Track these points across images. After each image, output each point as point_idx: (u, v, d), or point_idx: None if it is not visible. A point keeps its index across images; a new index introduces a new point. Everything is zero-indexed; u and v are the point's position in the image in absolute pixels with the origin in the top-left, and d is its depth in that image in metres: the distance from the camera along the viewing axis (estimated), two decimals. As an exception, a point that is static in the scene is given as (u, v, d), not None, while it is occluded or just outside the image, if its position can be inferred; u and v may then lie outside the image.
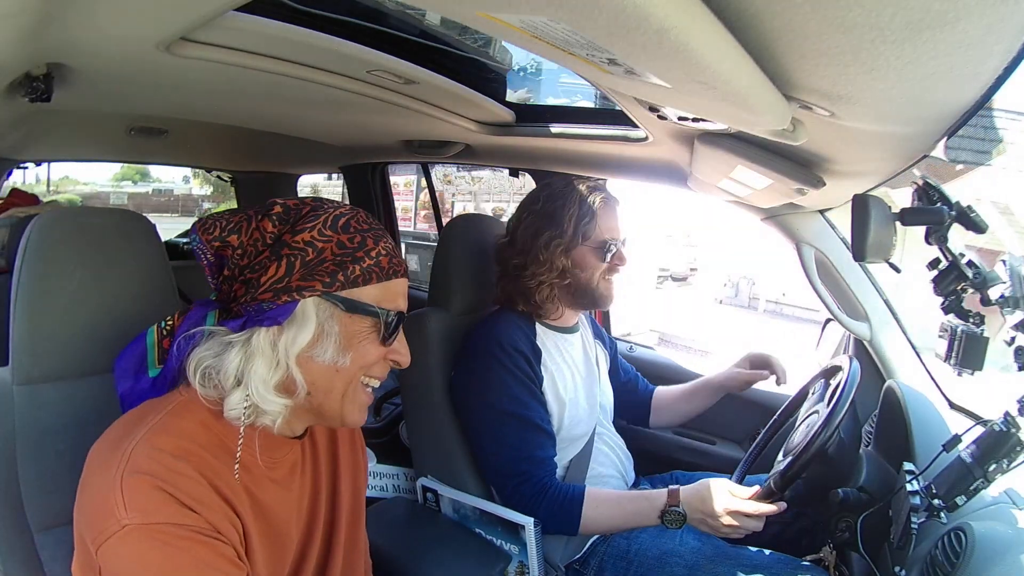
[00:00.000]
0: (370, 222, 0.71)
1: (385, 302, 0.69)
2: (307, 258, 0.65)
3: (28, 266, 0.79)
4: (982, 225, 0.81)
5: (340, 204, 0.70)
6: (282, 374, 0.64)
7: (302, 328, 0.64)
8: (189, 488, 0.59)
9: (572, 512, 1.11)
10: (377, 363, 0.71)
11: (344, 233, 0.67)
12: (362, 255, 0.67)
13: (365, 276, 0.67)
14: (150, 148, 2.05)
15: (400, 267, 0.71)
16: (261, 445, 0.67)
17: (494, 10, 0.47)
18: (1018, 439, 0.77)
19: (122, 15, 0.71)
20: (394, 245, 0.72)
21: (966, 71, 0.49)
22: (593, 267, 1.23)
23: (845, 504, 1.04)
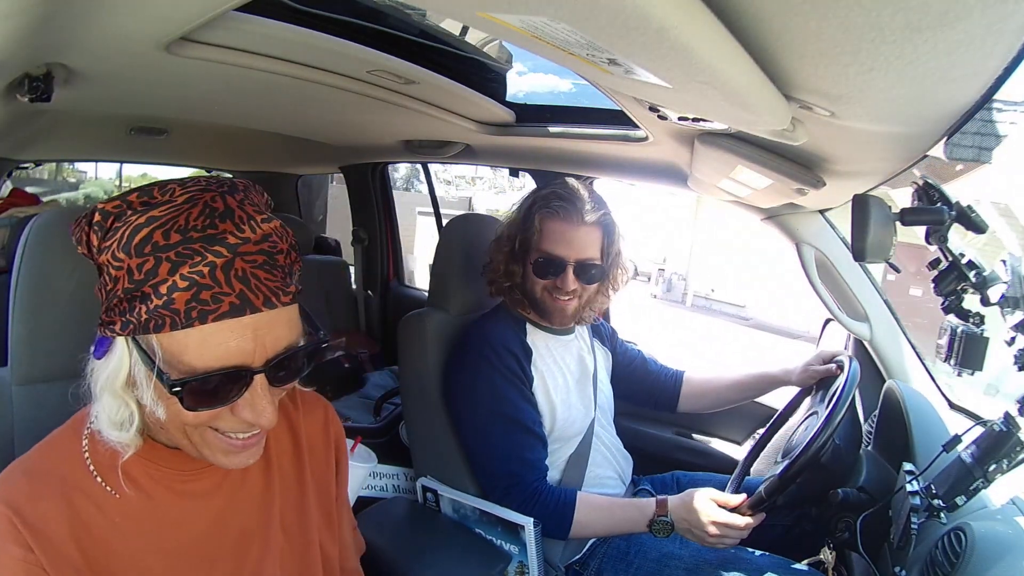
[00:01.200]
0: (187, 229, 0.50)
1: (194, 357, 0.51)
2: (107, 288, 0.53)
3: (27, 266, 0.78)
4: (982, 225, 0.81)
5: (168, 198, 0.52)
6: (125, 410, 0.56)
7: (110, 365, 0.55)
8: (37, 520, 0.54)
9: (564, 516, 1.11)
10: (218, 418, 0.55)
11: (136, 256, 0.50)
12: (148, 291, 0.50)
13: (156, 321, 0.50)
14: (150, 148, 2.05)
15: (218, 305, 0.50)
16: (173, 457, 0.61)
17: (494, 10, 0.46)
18: (1018, 439, 0.77)
19: (122, 15, 0.71)
20: (224, 263, 0.51)
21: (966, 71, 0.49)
22: (533, 280, 1.21)
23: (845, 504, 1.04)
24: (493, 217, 1.51)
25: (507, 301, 1.28)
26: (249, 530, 0.67)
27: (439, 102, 1.25)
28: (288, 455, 0.73)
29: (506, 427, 1.16)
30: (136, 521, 0.60)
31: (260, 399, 0.55)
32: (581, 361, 1.33)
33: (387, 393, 2.08)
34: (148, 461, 0.61)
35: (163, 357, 0.52)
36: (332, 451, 0.78)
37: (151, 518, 0.61)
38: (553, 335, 1.29)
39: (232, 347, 0.52)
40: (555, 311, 1.21)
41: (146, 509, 0.60)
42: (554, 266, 1.17)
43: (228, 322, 0.51)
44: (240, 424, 0.57)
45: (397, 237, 2.57)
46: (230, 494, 0.66)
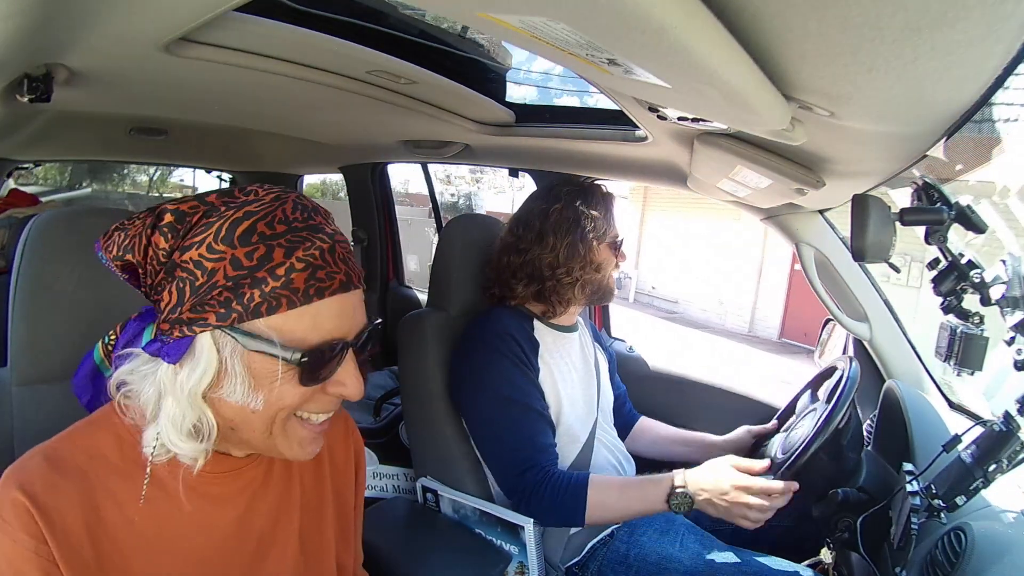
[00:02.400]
0: (290, 221, 0.55)
1: (309, 332, 0.55)
2: (196, 283, 0.53)
3: (27, 266, 0.79)
4: (982, 225, 0.81)
5: (254, 198, 0.56)
6: (196, 415, 0.56)
7: (199, 366, 0.54)
8: (54, 511, 0.54)
9: (577, 499, 1.07)
10: (309, 401, 0.59)
11: (243, 246, 0.53)
12: (264, 275, 0.53)
13: (270, 303, 0.53)
14: (150, 148, 2.06)
15: (332, 282, 0.55)
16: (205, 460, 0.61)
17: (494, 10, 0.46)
18: (1018, 439, 0.77)
19: (122, 15, 0.71)
20: (330, 247, 0.56)
21: (966, 71, 0.49)
22: (609, 263, 1.26)
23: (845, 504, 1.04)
24: (493, 217, 1.51)
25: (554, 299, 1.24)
26: (267, 537, 0.67)
27: (439, 102, 1.25)
28: (310, 464, 0.73)
29: (517, 413, 1.14)
30: (156, 523, 0.59)
31: (354, 370, 0.60)
32: (585, 358, 1.33)
33: (387, 393, 2.08)
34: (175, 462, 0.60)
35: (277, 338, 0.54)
36: (352, 461, 0.79)
37: (171, 520, 0.60)
38: (560, 332, 1.29)
39: (338, 323, 0.57)
40: (613, 288, 1.31)
41: (167, 511, 0.60)
42: (621, 244, 1.28)
43: (338, 298, 0.56)
44: (327, 403, 0.61)
45: (397, 237, 2.57)
46: (251, 500, 0.66)
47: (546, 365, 1.22)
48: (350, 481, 0.78)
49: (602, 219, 1.23)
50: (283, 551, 0.68)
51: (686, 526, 1.22)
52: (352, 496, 0.78)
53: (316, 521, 0.72)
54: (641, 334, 8.78)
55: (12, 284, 0.79)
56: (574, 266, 1.21)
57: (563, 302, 1.24)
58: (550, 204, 1.24)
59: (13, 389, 0.79)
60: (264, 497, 0.67)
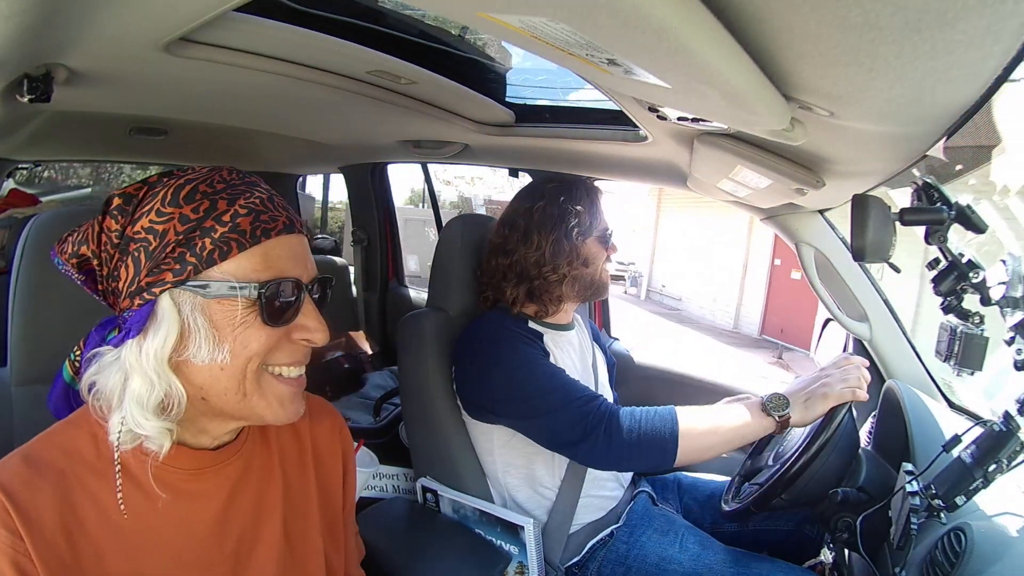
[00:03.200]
0: (228, 180, 0.59)
1: (261, 272, 0.57)
2: (151, 247, 0.55)
3: (26, 266, 0.79)
4: (981, 225, 0.81)
5: (191, 170, 0.59)
6: (163, 389, 0.56)
7: (161, 328, 0.56)
8: (31, 508, 0.54)
9: (665, 422, 1.01)
10: (275, 350, 0.60)
11: (187, 203, 0.56)
12: (211, 224, 0.56)
13: (221, 248, 0.56)
14: (150, 148, 2.06)
15: (275, 223, 0.59)
16: (179, 456, 0.61)
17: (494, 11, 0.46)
18: (1018, 439, 0.77)
19: (122, 15, 0.71)
20: (268, 196, 0.60)
21: (965, 71, 0.49)
22: (600, 258, 1.26)
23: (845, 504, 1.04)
24: (493, 217, 1.51)
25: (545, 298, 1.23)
26: (249, 534, 0.66)
27: (439, 102, 1.25)
28: (294, 462, 0.73)
29: (552, 371, 1.12)
30: (134, 521, 0.59)
31: (314, 314, 0.62)
32: (583, 356, 1.33)
33: (387, 393, 2.08)
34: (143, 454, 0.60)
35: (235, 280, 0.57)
36: (340, 460, 0.78)
37: (149, 519, 0.60)
38: (556, 330, 1.28)
39: (289, 262, 0.60)
40: (607, 282, 1.30)
41: (144, 509, 0.60)
42: (611, 236, 1.28)
43: (284, 238, 0.59)
44: (296, 351, 0.62)
45: (397, 238, 2.57)
46: (230, 496, 0.65)
47: (551, 352, 1.21)
48: (337, 478, 0.77)
49: (587, 213, 1.23)
50: (267, 548, 0.67)
51: (686, 527, 1.21)
52: (340, 494, 0.77)
53: (301, 518, 0.71)
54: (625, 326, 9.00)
55: (12, 284, 0.79)
56: (560, 263, 1.21)
57: (554, 300, 1.23)
58: (534, 203, 1.24)
59: (13, 389, 0.79)
60: (244, 493, 0.67)
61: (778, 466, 1.05)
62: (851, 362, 1.02)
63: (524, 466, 1.21)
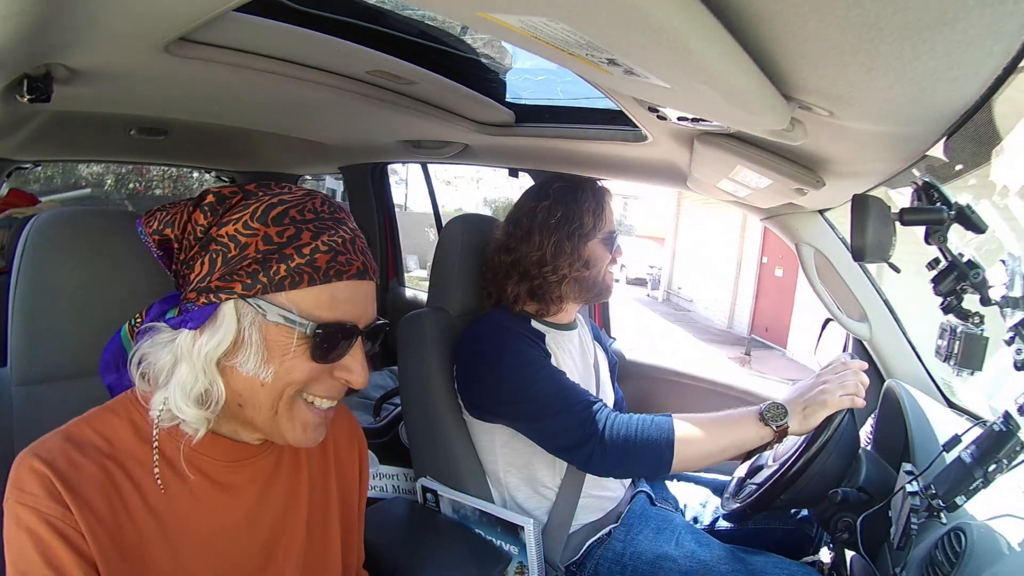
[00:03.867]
0: (318, 211, 0.61)
1: (324, 310, 0.59)
2: (229, 255, 0.58)
3: (26, 266, 0.79)
4: (981, 225, 0.81)
5: (287, 190, 0.62)
6: (207, 382, 0.58)
7: (218, 333, 0.58)
8: (77, 483, 0.56)
9: (662, 431, 1.02)
10: (315, 381, 0.62)
11: (275, 225, 0.58)
12: (291, 252, 0.58)
13: (293, 278, 0.58)
14: (150, 148, 2.06)
15: (350, 267, 0.60)
16: (217, 446, 0.64)
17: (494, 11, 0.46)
18: (1018, 439, 0.77)
19: (122, 15, 0.71)
20: (351, 238, 0.62)
21: (965, 71, 0.49)
22: (603, 259, 1.25)
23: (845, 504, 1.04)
24: (493, 218, 1.51)
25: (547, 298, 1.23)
26: (277, 526, 0.68)
27: (439, 102, 1.25)
28: (317, 459, 0.75)
29: (553, 374, 1.13)
30: (172, 507, 0.61)
31: (361, 358, 0.63)
32: (584, 356, 1.33)
33: (387, 393, 2.08)
34: (192, 449, 0.62)
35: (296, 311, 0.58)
36: (356, 460, 0.80)
37: (188, 505, 0.62)
38: (557, 329, 1.28)
39: (351, 307, 0.61)
40: (611, 283, 1.29)
41: (184, 496, 0.62)
42: (616, 239, 1.26)
43: (354, 283, 0.61)
44: (333, 387, 0.63)
45: (396, 238, 2.57)
46: (263, 489, 0.68)
47: (553, 353, 1.21)
48: (354, 480, 0.79)
49: (591, 215, 1.22)
50: (291, 540, 0.69)
51: (683, 526, 1.21)
52: (356, 495, 0.79)
53: (322, 514, 0.73)
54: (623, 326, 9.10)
55: (12, 284, 0.79)
56: (561, 263, 1.21)
57: (554, 300, 1.23)
58: (538, 202, 1.24)
59: (13, 389, 0.79)
60: (274, 486, 0.69)
61: (777, 466, 1.05)
62: (849, 367, 1.01)
63: (524, 466, 1.21)
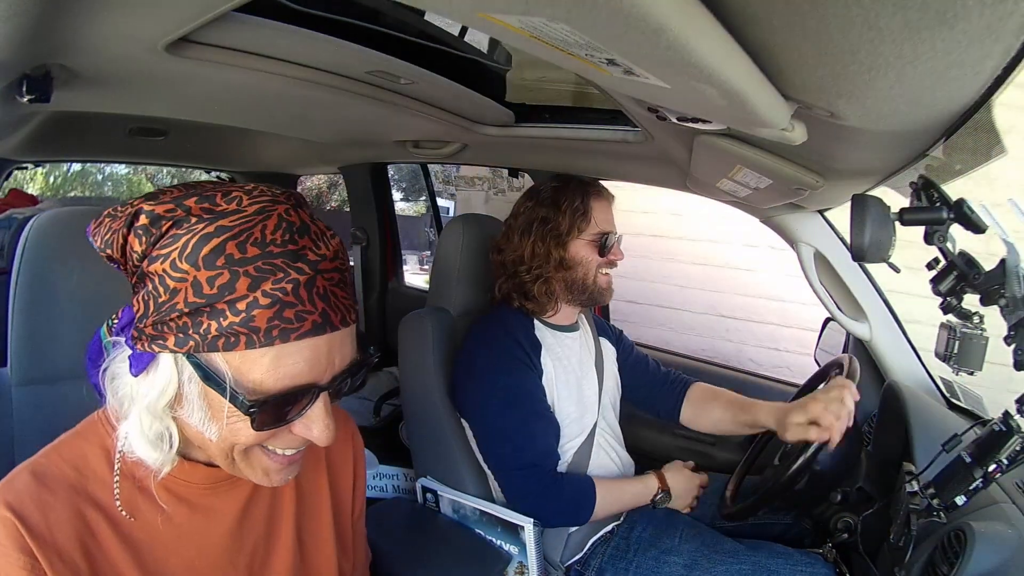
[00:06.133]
0: (266, 241, 0.48)
1: (267, 377, 0.49)
2: (159, 299, 0.49)
3: (26, 266, 0.79)
4: (981, 225, 0.81)
5: (236, 205, 0.50)
6: (160, 427, 0.54)
7: (158, 383, 0.51)
8: (44, 529, 0.52)
9: (586, 499, 1.14)
10: (270, 439, 0.54)
11: (206, 268, 0.47)
12: (223, 307, 0.47)
13: (227, 339, 0.47)
14: (150, 148, 2.06)
15: (301, 324, 0.49)
16: (194, 472, 0.60)
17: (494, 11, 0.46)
18: (1018, 439, 0.77)
19: (122, 15, 0.71)
20: (307, 280, 0.49)
21: (965, 71, 0.49)
22: (589, 261, 1.24)
23: (845, 504, 1.04)
24: (494, 217, 1.51)
25: (532, 296, 1.25)
26: (262, 546, 0.66)
27: (438, 102, 1.25)
28: (307, 469, 0.71)
29: (521, 416, 1.15)
30: (149, 535, 0.58)
31: (323, 416, 0.54)
32: (583, 358, 1.33)
33: (387, 393, 2.08)
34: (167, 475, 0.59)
35: (232, 377, 0.49)
36: (351, 466, 0.77)
37: (165, 533, 0.59)
38: (559, 331, 1.29)
39: (305, 367, 0.51)
40: (606, 287, 1.28)
41: (160, 523, 0.59)
42: (610, 241, 1.26)
43: (308, 341, 0.50)
44: (294, 441, 0.56)
45: (396, 237, 2.57)
46: (244, 509, 0.65)
47: (548, 366, 1.22)
48: (348, 484, 0.77)
49: (571, 216, 1.22)
50: (279, 559, 0.66)
51: (685, 522, 1.22)
52: (350, 500, 0.77)
53: (314, 526, 0.71)
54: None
55: (12, 284, 0.79)
56: (535, 264, 1.23)
57: (540, 299, 1.24)
58: (524, 202, 1.27)
59: (13, 389, 0.79)
60: (256, 506, 0.66)
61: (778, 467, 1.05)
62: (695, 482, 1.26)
63: None
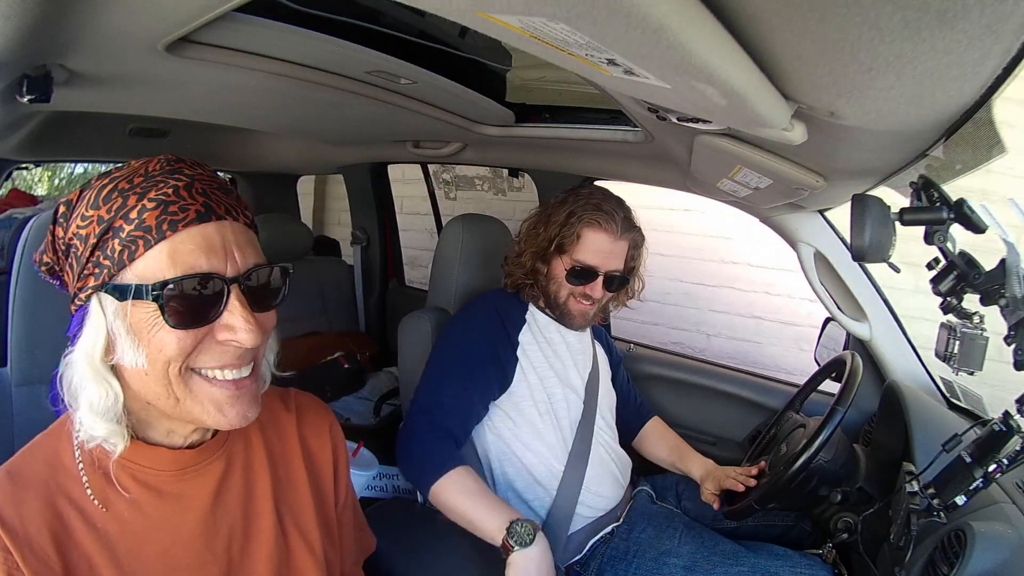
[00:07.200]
0: (149, 173, 0.55)
1: (170, 269, 0.53)
2: (79, 253, 0.55)
3: (26, 266, 0.79)
4: (981, 225, 0.81)
5: (122, 169, 0.57)
6: (102, 390, 0.55)
7: (91, 333, 0.55)
8: (18, 524, 0.54)
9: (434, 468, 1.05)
10: (200, 351, 0.56)
11: (105, 204, 0.54)
12: (120, 223, 0.53)
13: (129, 248, 0.53)
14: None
15: (185, 213, 0.54)
16: (158, 457, 0.60)
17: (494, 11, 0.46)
18: (1018, 439, 0.77)
19: (122, 16, 0.71)
20: (187, 183, 0.55)
21: (965, 71, 0.49)
22: (560, 281, 1.23)
23: (845, 504, 1.04)
24: (494, 217, 1.51)
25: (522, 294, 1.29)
26: (239, 532, 0.65)
27: (439, 102, 1.25)
28: (281, 459, 0.72)
29: (452, 369, 1.16)
30: (120, 526, 0.59)
31: (240, 311, 0.56)
32: (582, 352, 1.33)
33: (387, 393, 2.08)
34: (132, 463, 0.60)
35: (138, 283, 0.54)
36: (331, 456, 0.77)
37: (136, 523, 0.59)
38: (556, 322, 1.29)
39: (203, 256, 0.54)
40: (576, 314, 1.25)
41: (131, 514, 0.59)
42: (587, 275, 1.21)
43: (197, 228, 0.54)
44: (221, 353, 0.57)
45: (397, 238, 2.57)
46: (216, 495, 0.64)
47: (527, 342, 1.23)
48: (328, 474, 0.76)
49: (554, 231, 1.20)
50: (260, 546, 0.66)
51: (685, 523, 1.22)
52: (332, 490, 0.76)
53: (296, 515, 0.71)
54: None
55: (12, 284, 0.79)
56: (514, 261, 1.27)
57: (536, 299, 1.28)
58: (542, 204, 1.29)
59: (13, 389, 0.79)
60: (229, 492, 0.66)
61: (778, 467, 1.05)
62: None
63: (520, 456, 1.21)
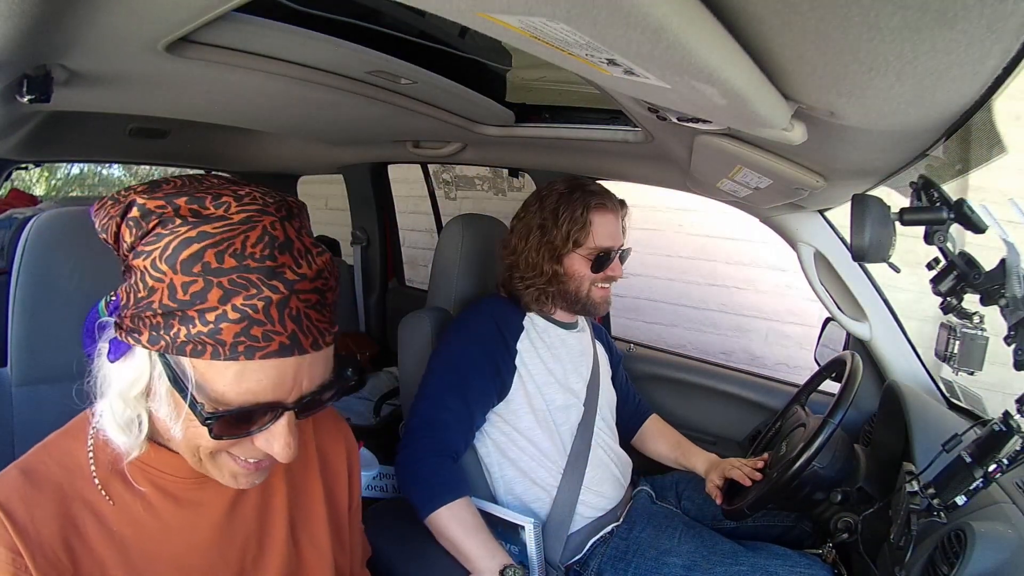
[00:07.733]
0: (245, 255, 0.48)
1: (230, 389, 0.50)
2: (139, 295, 0.50)
3: (26, 266, 0.79)
4: (981, 225, 0.81)
5: (214, 218, 0.49)
6: (131, 414, 0.54)
7: (130, 374, 0.53)
8: (30, 526, 0.53)
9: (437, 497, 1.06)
10: (234, 446, 0.55)
11: (183, 273, 0.48)
12: (193, 314, 0.48)
13: (195, 346, 0.48)
14: (150, 149, 2.06)
15: (269, 343, 0.49)
16: (178, 464, 0.59)
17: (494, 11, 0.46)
18: (1018, 439, 0.77)
19: (122, 15, 0.71)
20: (280, 300, 0.49)
21: (965, 70, 0.49)
22: (583, 275, 1.22)
23: (845, 504, 1.04)
24: (494, 217, 1.51)
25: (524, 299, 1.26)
26: (254, 541, 0.65)
27: (439, 102, 1.25)
28: (298, 466, 0.72)
29: (449, 383, 1.15)
30: (136, 530, 0.58)
31: (285, 434, 0.54)
32: (583, 353, 1.33)
33: (387, 393, 2.08)
34: (150, 467, 0.59)
35: (195, 382, 0.50)
36: (345, 462, 0.77)
37: (151, 527, 0.59)
38: (555, 325, 1.29)
39: (269, 386, 0.51)
40: (600, 300, 1.26)
41: (147, 518, 0.59)
42: (608, 258, 1.23)
43: (274, 362, 0.50)
44: (257, 452, 0.56)
45: (397, 238, 2.57)
46: (232, 503, 0.64)
47: (525, 350, 1.22)
48: (343, 480, 0.77)
49: (565, 229, 1.19)
50: (273, 555, 0.66)
51: (684, 522, 1.22)
52: (346, 496, 0.77)
53: (308, 523, 0.71)
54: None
55: (12, 284, 0.79)
56: (528, 275, 1.23)
57: (534, 301, 1.25)
58: (531, 202, 1.26)
59: (13, 389, 0.79)
60: (246, 501, 0.65)
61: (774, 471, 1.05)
62: None
63: (517, 460, 1.21)
